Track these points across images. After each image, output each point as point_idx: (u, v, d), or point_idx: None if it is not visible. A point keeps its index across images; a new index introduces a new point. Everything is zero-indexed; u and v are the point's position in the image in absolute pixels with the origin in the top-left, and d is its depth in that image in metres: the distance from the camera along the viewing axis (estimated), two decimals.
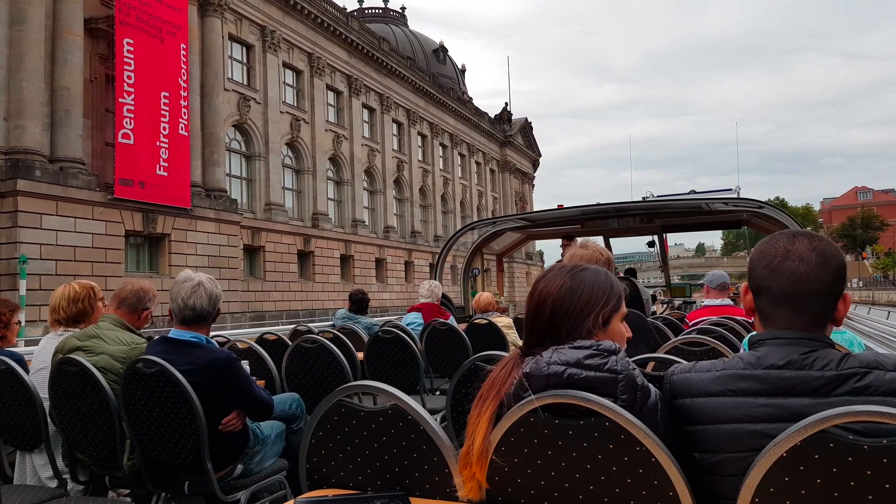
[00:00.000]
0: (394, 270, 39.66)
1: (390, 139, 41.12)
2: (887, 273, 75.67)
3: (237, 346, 4.63)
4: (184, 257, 23.32)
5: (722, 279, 5.38)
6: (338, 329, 6.03)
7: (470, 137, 53.39)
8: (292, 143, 31.98)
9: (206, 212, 24.43)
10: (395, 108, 41.82)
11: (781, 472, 1.23)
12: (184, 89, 23.73)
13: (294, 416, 3.59)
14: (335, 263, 33.71)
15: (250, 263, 28.52)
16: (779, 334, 1.43)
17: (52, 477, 3.11)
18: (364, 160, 37.97)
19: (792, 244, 1.44)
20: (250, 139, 29.24)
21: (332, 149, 34.80)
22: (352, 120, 36.60)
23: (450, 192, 49.46)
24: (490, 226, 11.40)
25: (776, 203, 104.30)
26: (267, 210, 29.34)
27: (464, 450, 1.51)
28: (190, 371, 2.73)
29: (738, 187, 13.43)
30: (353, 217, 36.28)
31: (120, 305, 3.31)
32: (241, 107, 28.26)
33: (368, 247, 37.01)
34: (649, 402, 1.45)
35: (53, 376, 2.99)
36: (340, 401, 1.71)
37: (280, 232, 29.58)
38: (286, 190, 31.60)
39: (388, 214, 40.21)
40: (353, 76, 36.86)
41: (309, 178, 32.74)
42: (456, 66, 62.50)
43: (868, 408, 1.18)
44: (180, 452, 2.78)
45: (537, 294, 1.65)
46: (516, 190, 63.32)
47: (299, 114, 32.25)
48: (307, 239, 31.52)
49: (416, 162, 44.50)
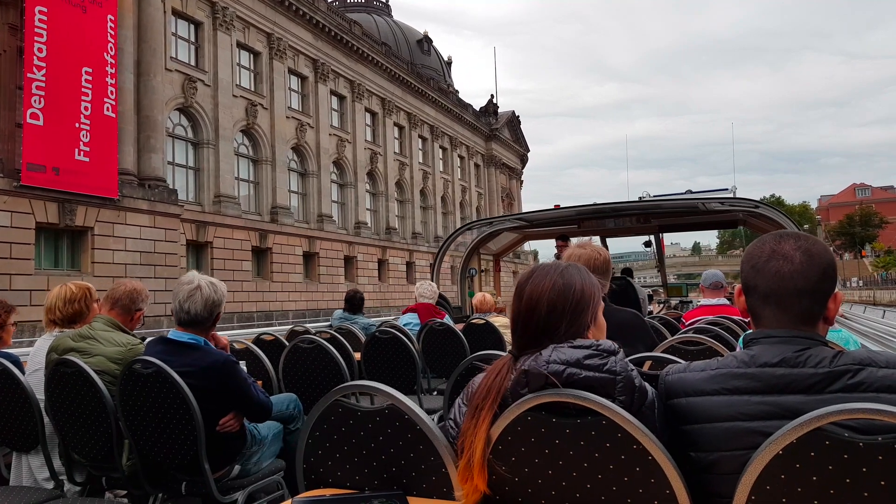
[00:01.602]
0: (365, 269, 37.02)
1: (363, 129, 38.42)
2: (888, 271, 73.23)
3: (234, 346, 4.50)
4: (110, 253, 20.78)
5: (716, 279, 5.39)
6: (335, 329, 6.02)
7: (452, 130, 50.79)
8: (248, 131, 29.32)
9: (138, 203, 21.77)
10: (367, 97, 39.17)
11: (777, 469, 1.24)
12: (111, 65, 21.03)
13: (291, 416, 3.58)
14: (297, 261, 31.12)
15: (197, 261, 25.97)
16: (772, 333, 1.45)
17: (49, 478, 3.09)
18: (332, 151, 35.27)
19: (778, 244, 1.46)
20: (198, 125, 26.58)
21: (294, 137, 32.11)
22: (318, 107, 33.88)
23: (430, 187, 46.82)
24: (487, 226, 11.35)
25: (772, 202, 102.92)
26: (216, 202, 26.72)
27: (463, 462, 1.50)
28: (188, 373, 2.73)
29: (735, 187, 13.83)
30: (318, 211, 33.49)
31: (113, 306, 3.28)
32: (187, 88, 25.62)
33: (336, 243, 34.31)
34: (647, 403, 1.46)
35: (49, 377, 3.00)
36: (338, 401, 1.71)
37: (231, 227, 26.93)
38: (240, 181, 28.96)
39: (360, 209, 37.57)
40: (320, 60, 34.17)
41: (267, 168, 30.10)
42: (441, 57, 59.98)
43: (864, 405, 1.19)
44: (177, 453, 2.78)
45: (528, 295, 1.64)
46: (503, 186, 60.80)
47: (256, 98, 29.62)
48: (263, 235, 28.85)
49: (392, 154, 41.85)
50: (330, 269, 33.42)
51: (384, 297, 38.34)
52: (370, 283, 37.00)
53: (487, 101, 59.29)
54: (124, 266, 21.10)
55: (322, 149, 33.86)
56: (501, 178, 60.48)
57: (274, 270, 29.26)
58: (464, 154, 53.33)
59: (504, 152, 60.76)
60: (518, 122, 64.42)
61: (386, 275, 39.26)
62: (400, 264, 40.98)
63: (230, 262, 26.70)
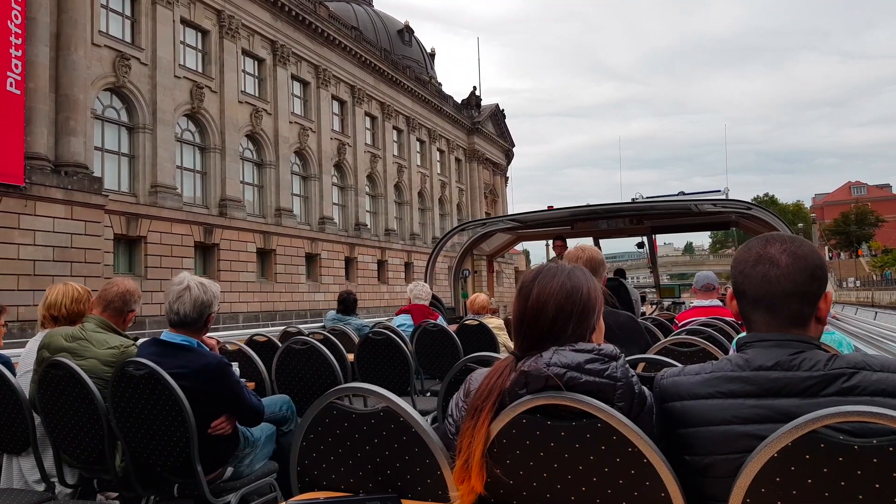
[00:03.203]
0: (330, 268, 34.48)
1: (329, 118, 35.71)
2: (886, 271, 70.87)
3: (227, 347, 4.53)
4: (14, 248, 18.27)
5: (709, 280, 5.39)
6: (328, 330, 5.98)
7: (431, 122, 48.16)
8: (194, 115, 26.69)
9: (50, 191, 19.20)
10: (335, 83, 36.54)
11: (772, 472, 1.24)
12: (17, 36, 18.60)
13: (284, 418, 3.57)
14: (250, 259, 28.59)
15: (129, 258, 23.42)
16: (766, 336, 1.45)
17: (40, 480, 3.07)
18: (294, 140, 32.62)
19: (764, 248, 1.47)
20: (132, 107, 23.94)
21: (249, 124, 29.48)
22: (276, 92, 31.25)
23: (405, 181, 44.20)
24: (480, 227, 11.40)
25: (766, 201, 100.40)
26: (153, 193, 24.16)
27: (460, 462, 1.50)
28: (180, 375, 2.72)
29: (727, 188, 13.44)
30: (277, 205, 30.97)
31: (106, 308, 3.26)
32: (119, 67, 22.98)
33: (296, 240, 31.72)
34: (645, 408, 1.46)
35: (40, 379, 2.99)
36: (332, 403, 1.71)
37: (169, 220, 24.39)
38: (183, 170, 26.38)
39: (325, 203, 34.96)
40: (279, 42, 31.58)
41: (216, 156, 27.45)
42: (423, 48, 57.38)
43: (859, 408, 1.19)
44: (170, 455, 2.77)
45: (535, 295, 1.61)
46: (486, 182, 58.24)
47: (203, 80, 27.03)
48: (209, 229, 26.26)
49: (363, 145, 39.24)
50: (289, 268, 30.81)
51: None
52: (335, 283, 34.32)
53: (470, 93, 56.65)
54: (33, 262, 18.73)
55: (281, 137, 31.24)
56: (485, 174, 57.95)
57: (222, 269, 26.65)
58: (443, 148, 50.72)
59: (487, 147, 58.19)
60: (503, 115, 61.82)
61: (354, 274, 36.59)
62: (371, 263, 38.36)
63: (168, 258, 24.10)
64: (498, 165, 61.27)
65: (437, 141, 49.09)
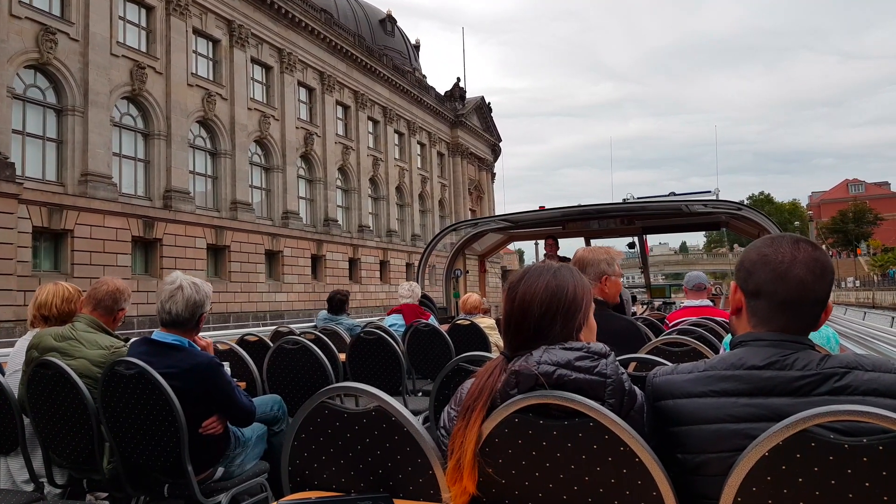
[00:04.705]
0: (294, 266, 32.16)
1: (294, 105, 33.33)
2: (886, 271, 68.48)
3: (218, 347, 4.29)
4: None
5: (698, 280, 5.43)
6: (319, 330, 6.03)
7: (410, 114, 45.84)
8: (135, 98, 24.37)
9: None
10: (302, 69, 34.20)
11: (763, 471, 1.25)
12: None
13: (275, 417, 3.56)
14: (198, 256, 26.22)
15: (53, 254, 21.09)
16: (761, 335, 1.45)
17: (29, 481, 3.05)
18: (253, 128, 30.27)
19: (797, 250, 1.44)
20: (60, 87, 21.61)
21: (200, 109, 27.13)
22: (233, 76, 28.90)
23: (381, 175, 41.82)
24: (472, 227, 11.53)
25: (762, 199, 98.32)
26: (82, 182, 21.84)
27: (452, 463, 1.49)
28: (171, 374, 2.71)
29: (717, 189, 13.33)
30: (232, 197, 28.49)
31: (96, 307, 3.24)
32: (43, 42, 20.74)
33: (254, 235, 29.44)
34: (636, 406, 1.46)
35: (29, 379, 2.96)
36: (324, 402, 1.70)
37: (102, 212, 22.05)
38: (122, 157, 24.01)
39: (290, 197, 32.60)
40: (236, 22, 29.25)
41: (160, 144, 25.10)
42: (407, 39, 55.00)
43: (849, 407, 1.20)
44: (160, 455, 2.76)
45: (520, 295, 1.61)
46: (471, 177, 55.99)
47: (147, 61, 24.70)
48: (149, 223, 23.94)
49: (334, 136, 36.77)
50: (245, 266, 28.41)
51: (320, 297, 33.44)
52: (300, 283, 32.10)
53: (454, 84, 54.35)
54: None
55: (238, 124, 28.92)
56: (470, 170, 55.70)
57: (165, 266, 24.27)
58: (424, 141, 48.38)
59: (472, 141, 55.89)
60: (489, 109, 59.51)
61: (322, 273, 34.27)
62: (341, 261, 36.00)
63: (99, 255, 21.77)
64: (484, 161, 59.02)
65: (417, 134, 46.80)
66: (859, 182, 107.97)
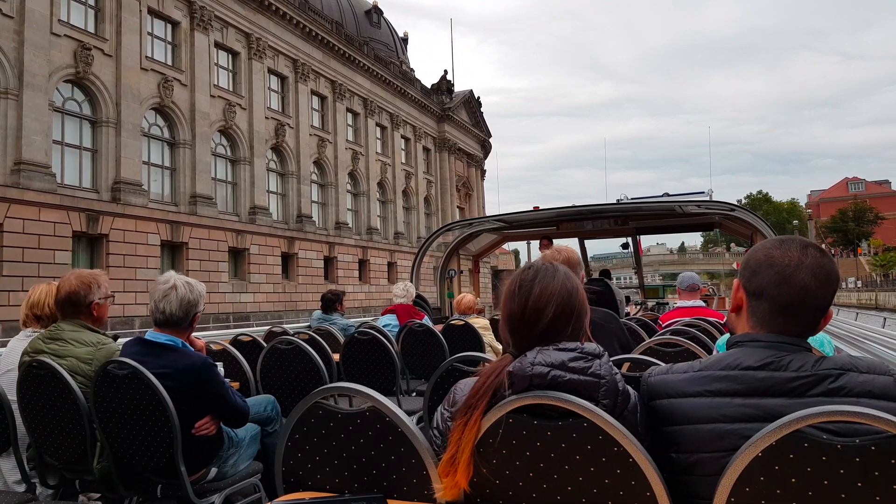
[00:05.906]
0: (263, 265, 30.24)
1: (264, 94, 31.24)
2: (888, 271, 66.59)
3: (211, 347, 4.38)
4: None
5: (692, 281, 5.46)
6: (313, 330, 6.03)
7: (393, 106, 43.93)
8: (80, 82, 22.40)
9: None
10: (273, 56, 32.26)
11: (757, 471, 1.24)
12: None
13: (269, 418, 3.54)
14: (152, 253, 24.33)
15: None
16: (757, 337, 1.44)
17: (21, 481, 3.02)
18: (217, 116, 28.30)
19: (805, 255, 1.43)
20: None
21: (156, 96, 25.20)
22: (193, 61, 26.95)
23: (361, 170, 39.85)
24: (467, 227, 11.47)
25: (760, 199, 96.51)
26: (15, 172, 19.93)
27: (447, 456, 1.49)
28: (165, 374, 2.69)
29: (711, 190, 13.54)
30: (191, 190, 26.59)
31: (65, 313, 3.16)
32: None
33: (218, 231, 27.54)
34: (629, 406, 1.46)
35: (21, 379, 2.95)
36: (318, 403, 1.69)
37: (37, 205, 20.15)
38: (65, 146, 22.04)
39: (258, 191, 30.65)
40: (197, 3, 27.37)
41: (109, 132, 23.13)
42: (395, 32, 53.02)
43: (842, 408, 1.20)
44: (153, 456, 2.74)
45: (536, 295, 1.59)
46: (459, 174, 54.07)
47: (94, 42, 22.69)
48: (93, 217, 22.04)
49: (309, 127, 34.77)
50: (205, 265, 26.44)
51: (291, 298, 31.56)
52: (269, 283, 30.19)
53: (440, 77, 52.39)
54: None
55: (199, 113, 26.95)
56: (458, 166, 53.77)
57: (112, 264, 22.36)
58: (409, 135, 46.45)
59: (460, 136, 53.93)
60: (478, 103, 57.58)
61: (294, 272, 32.38)
62: (315, 260, 34.08)
63: (33, 251, 19.88)
64: (473, 157, 57.11)
65: (401, 127, 44.88)
66: (859, 180, 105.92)
